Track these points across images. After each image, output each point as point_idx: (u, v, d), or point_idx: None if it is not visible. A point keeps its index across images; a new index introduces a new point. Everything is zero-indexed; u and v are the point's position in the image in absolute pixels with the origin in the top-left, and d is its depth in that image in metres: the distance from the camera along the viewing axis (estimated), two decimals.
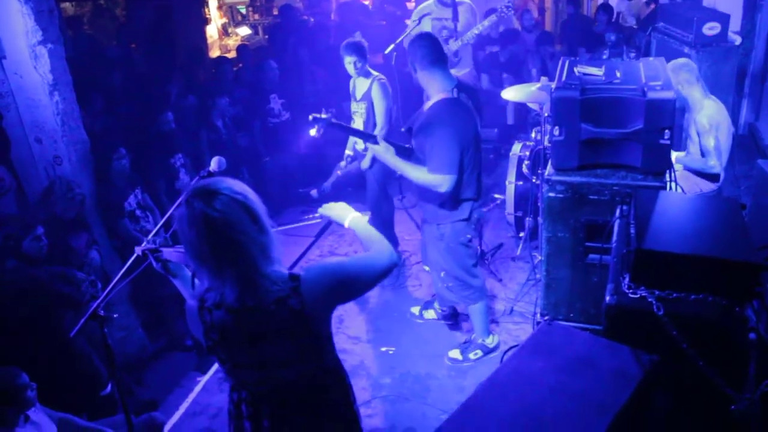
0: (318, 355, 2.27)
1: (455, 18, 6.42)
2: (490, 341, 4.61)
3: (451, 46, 6.51)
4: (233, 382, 2.34)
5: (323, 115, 3.92)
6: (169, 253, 2.54)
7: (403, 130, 4.12)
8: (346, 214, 2.47)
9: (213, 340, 2.18)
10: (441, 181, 3.82)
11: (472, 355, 4.56)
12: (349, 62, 5.14)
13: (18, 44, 4.26)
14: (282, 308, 2.10)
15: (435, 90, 3.97)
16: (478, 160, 4.06)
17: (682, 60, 5.00)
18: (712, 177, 4.91)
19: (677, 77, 4.79)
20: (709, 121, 4.73)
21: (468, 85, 4.26)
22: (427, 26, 6.49)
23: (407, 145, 4.00)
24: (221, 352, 2.21)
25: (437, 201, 4.06)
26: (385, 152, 3.97)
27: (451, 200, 4.03)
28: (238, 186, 2.11)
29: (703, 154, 4.84)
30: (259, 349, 2.16)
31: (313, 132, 3.97)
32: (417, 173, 3.90)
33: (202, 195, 2.03)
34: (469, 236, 4.22)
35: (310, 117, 3.95)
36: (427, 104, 4.01)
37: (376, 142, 4.00)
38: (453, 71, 6.46)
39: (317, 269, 2.19)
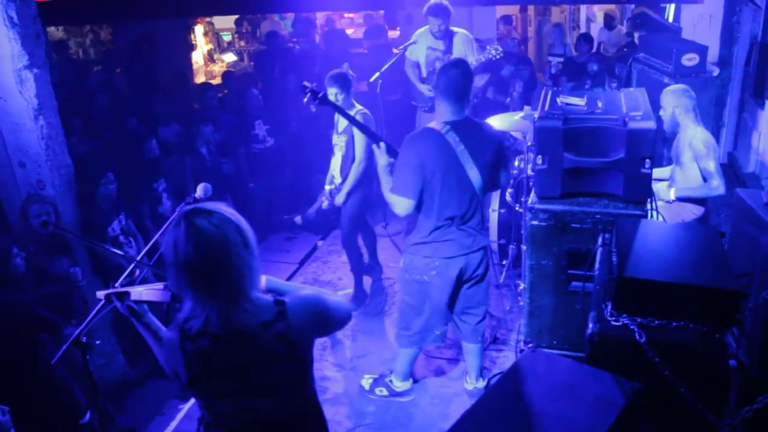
0: (300, 383, 2.27)
1: (449, 50, 6.39)
2: (400, 385, 4.45)
3: None
4: (210, 419, 2.28)
5: (320, 94, 3.96)
6: (139, 293, 2.46)
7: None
8: None
9: (194, 371, 2.14)
10: (395, 200, 3.76)
11: (377, 390, 4.47)
12: (331, 93, 5.07)
13: (4, 68, 4.26)
14: (268, 332, 2.10)
15: (436, 119, 3.83)
16: (454, 203, 3.78)
17: (683, 86, 5.01)
18: (700, 201, 4.91)
19: (677, 101, 4.77)
20: (705, 144, 4.71)
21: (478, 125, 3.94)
22: (418, 53, 6.49)
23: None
24: (202, 382, 2.17)
25: (411, 227, 4.02)
26: (380, 156, 3.97)
27: (417, 231, 3.91)
28: (230, 210, 2.14)
29: (705, 179, 4.81)
30: (243, 375, 2.14)
31: (305, 99, 4.03)
32: (385, 189, 3.88)
33: (200, 213, 2.06)
34: (426, 278, 3.91)
35: (305, 83, 4.01)
36: None
37: (378, 144, 4.00)
38: None
39: (301, 297, 2.22)
